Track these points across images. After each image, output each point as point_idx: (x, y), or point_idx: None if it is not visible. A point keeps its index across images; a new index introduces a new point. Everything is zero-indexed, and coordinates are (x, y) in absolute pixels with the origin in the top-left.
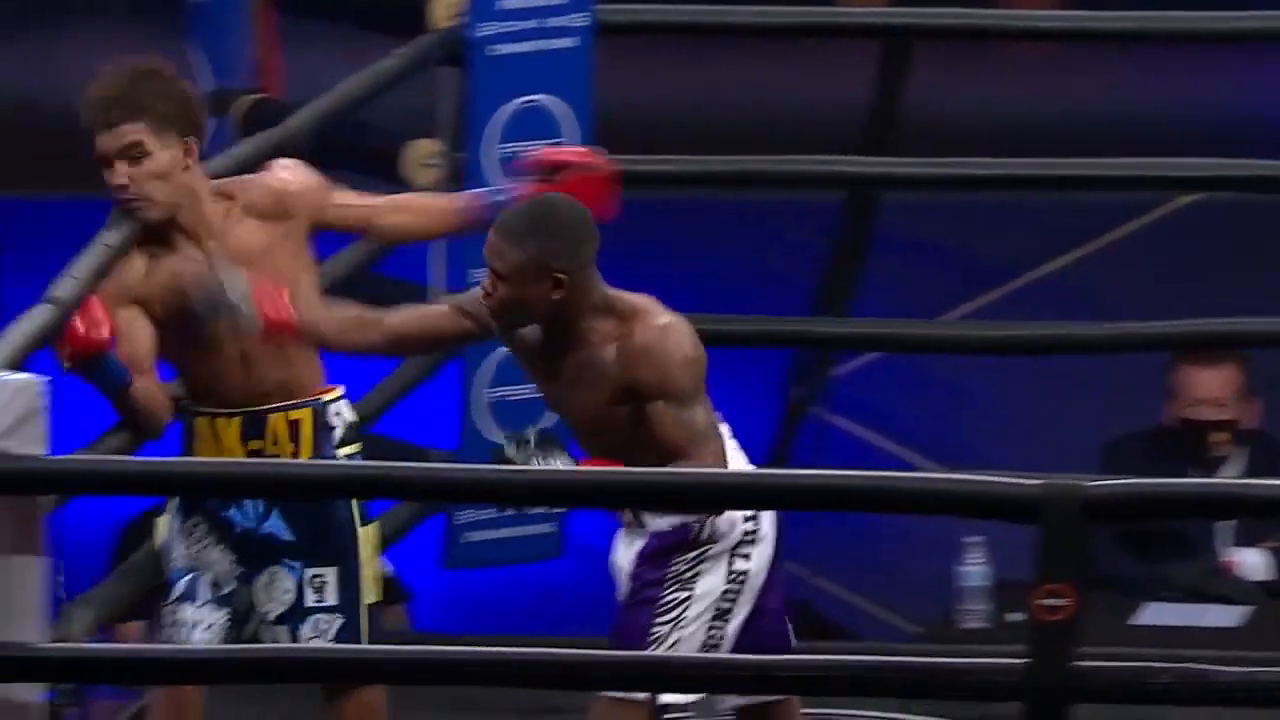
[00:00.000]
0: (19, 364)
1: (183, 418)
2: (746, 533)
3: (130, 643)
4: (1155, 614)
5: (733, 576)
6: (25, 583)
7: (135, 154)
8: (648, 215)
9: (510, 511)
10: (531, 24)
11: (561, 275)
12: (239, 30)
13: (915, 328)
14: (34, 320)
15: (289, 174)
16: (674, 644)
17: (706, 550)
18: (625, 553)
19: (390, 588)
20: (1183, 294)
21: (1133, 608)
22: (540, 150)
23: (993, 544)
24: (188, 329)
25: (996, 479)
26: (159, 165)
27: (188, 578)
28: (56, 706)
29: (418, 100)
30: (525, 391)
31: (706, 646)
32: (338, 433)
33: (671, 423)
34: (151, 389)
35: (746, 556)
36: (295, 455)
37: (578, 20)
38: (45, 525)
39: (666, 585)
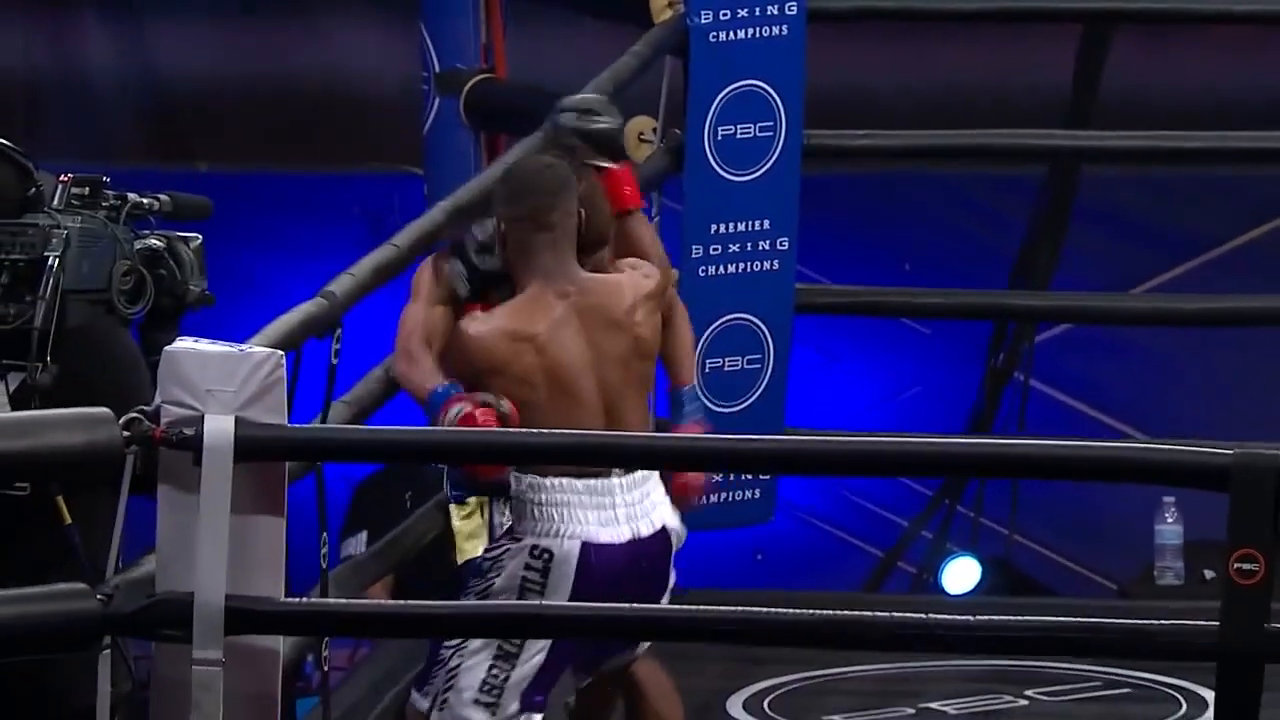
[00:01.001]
0: (285, 350)
1: None
2: (525, 580)
3: (370, 597)
4: None
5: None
6: (266, 541)
7: None
8: (853, 191)
9: (721, 477)
10: (746, 12)
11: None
12: (467, 13)
13: (1111, 300)
14: (303, 312)
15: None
16: (454, 669)
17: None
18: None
19: None
20: None
21: None
22: None
23: (1189, 503)
24: None
25: (1189, 447)
26: None
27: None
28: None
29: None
30: (740, 363)
31: (487, 685)
32: None
33: None
34: None
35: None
36: None
37: (790, 8)
38: (284, 489)
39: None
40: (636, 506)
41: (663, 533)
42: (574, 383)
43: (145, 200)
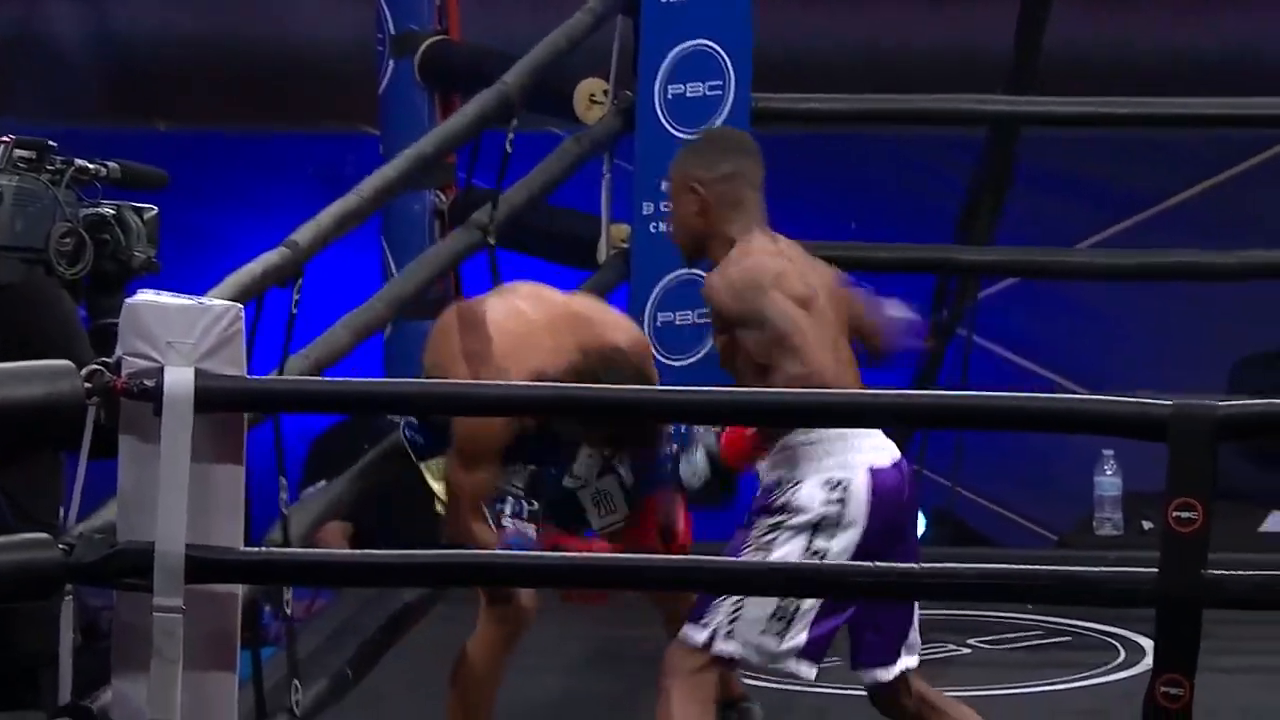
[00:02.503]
0: (246, 299)
1: None
2: (828, 514)
3: (327, 546)
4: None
5: (811, 554)
6: (225, 490)
7: None
8: (804, 150)
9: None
10: None
11: (698, 186)
12: None
13: (1052, 255)
14: (266, 261)
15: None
16: (739, 599)
17: (784, 520)
18: None
19: None
20: None
21: (1258, 516)
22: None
23: (1128, 456)
24: None
25: (1129, 399)
26: None
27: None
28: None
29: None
30: (691, 317)
31: (779, 614)
32: None
33: (754, 346)
34: None
35: (831, 536)
36: None
37: None
38: (243, 439)
39: (747, 546)
40: (885, 437)
41: (903, 461)
42: (821, 309)
43: (92, 166)
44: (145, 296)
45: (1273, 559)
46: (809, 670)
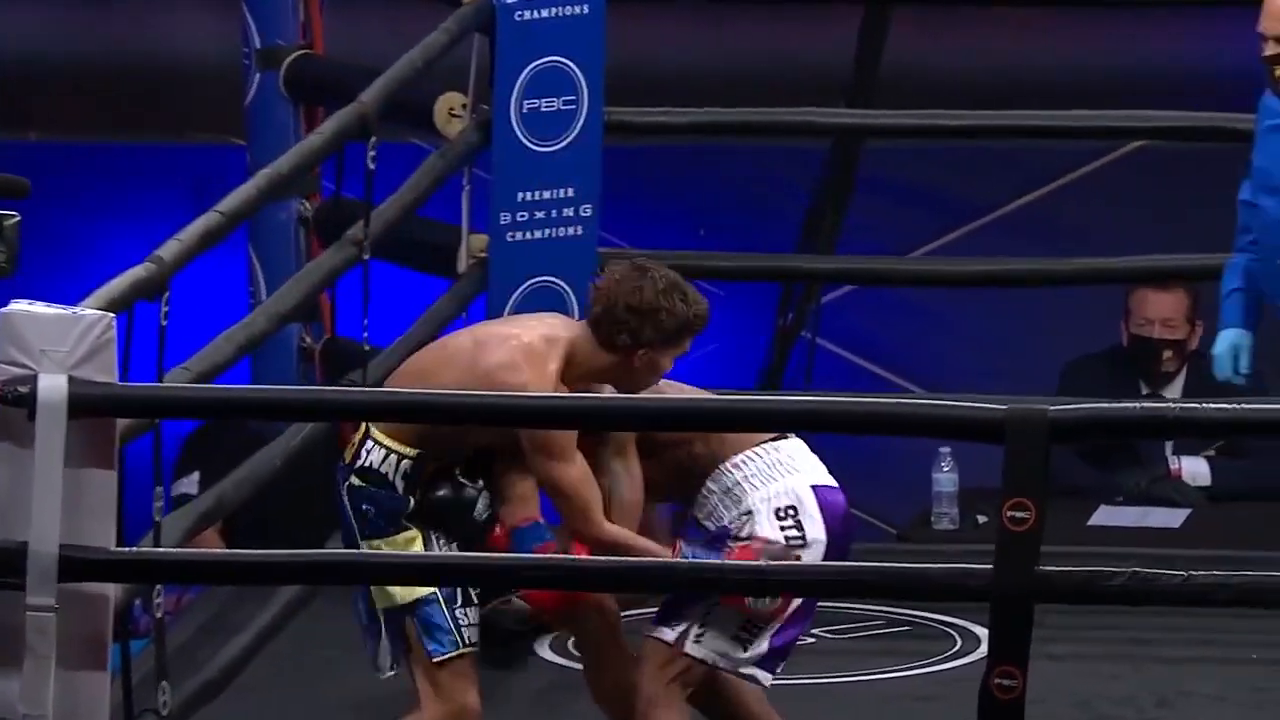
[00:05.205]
0: (115, 312)
1: None
2: (789, 540)
3: (203, 548)
4: (1107, 516)
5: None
6: (98, 493)
7: None
8: (655, 161)
9: None
10: None
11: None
12: None
13: (889, 263)
14: (132, 275)
15: None
16: (713, 603)
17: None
18: None
19: None
20: (1139, 230)
21: (1088, 510)
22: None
23: (964, 453)
24: None
25: (966, 403)
26: None
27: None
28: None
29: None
30: None
31: (744, 625)
32: None
33: None
34: None
35: (802, 545)
36: None
37: None
38: (115, 444)
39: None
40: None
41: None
42: None
43: None
44: (20, 306)
45: (1101, 551)
46: (766, 678)
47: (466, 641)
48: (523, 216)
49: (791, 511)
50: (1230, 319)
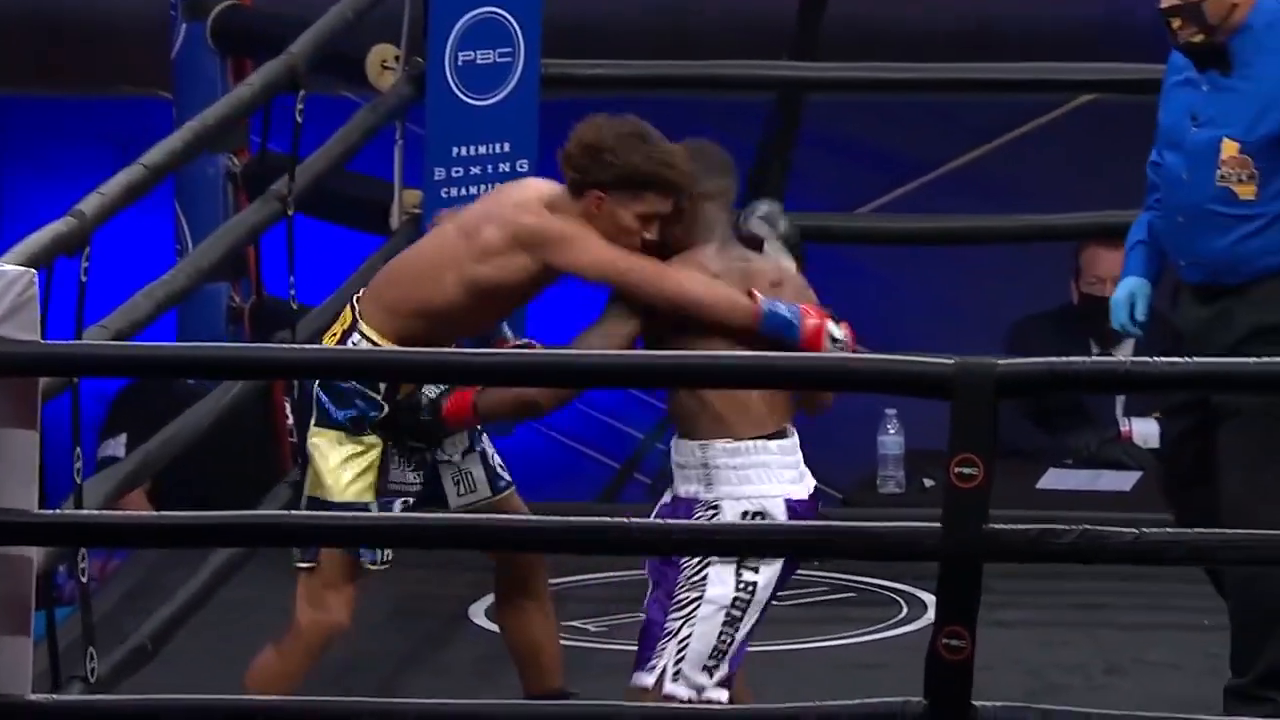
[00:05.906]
0: (35, 267)
1: None
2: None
3: (129, 509)
4: (1056, 479)
5: (741, 586)
6: (20, 455)
7: None
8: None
9: None
10: None
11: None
12: None
13: (835, 220)
14: (53, 231)
15: None
16: (685, 638)
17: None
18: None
19: None
20: (1089, 185)
21: (1036, 473)
22: None
23: (909, 415)
24: None
25: (914, 358)
26: None
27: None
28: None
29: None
30: None
31: (716, 650)
32: None
33: None
34: None
35: (755, 569)
36: None
37: None
38: (38, 403)
39: (680, 585)
40: (804, 463)
41: (815, 487)
42: None
43: None
44: None
45: (1049, 514)
46: (723, 696)
47: (384, 559)
48: (457, 172)
49: (758, 518)
50: (1132, 269)
